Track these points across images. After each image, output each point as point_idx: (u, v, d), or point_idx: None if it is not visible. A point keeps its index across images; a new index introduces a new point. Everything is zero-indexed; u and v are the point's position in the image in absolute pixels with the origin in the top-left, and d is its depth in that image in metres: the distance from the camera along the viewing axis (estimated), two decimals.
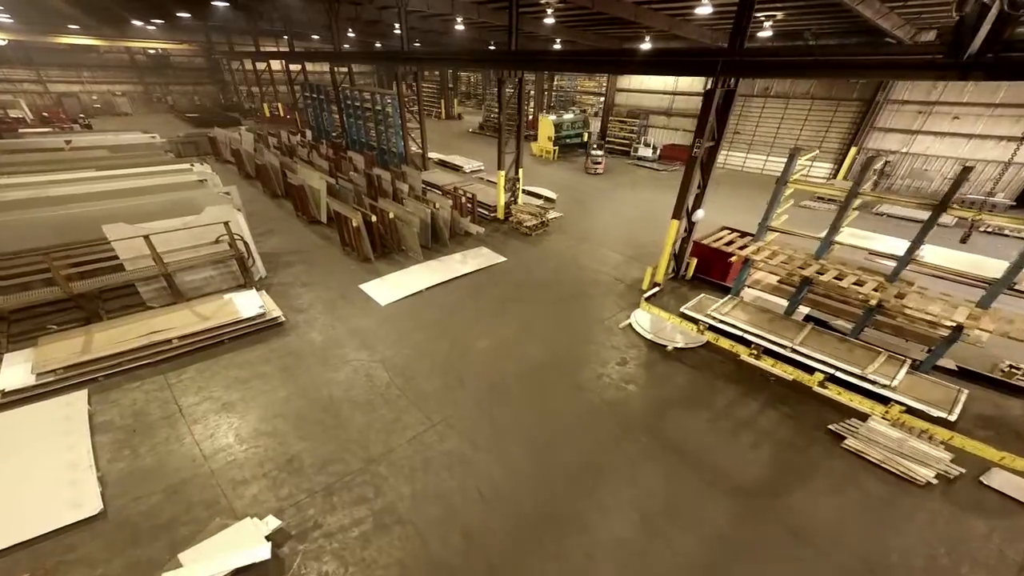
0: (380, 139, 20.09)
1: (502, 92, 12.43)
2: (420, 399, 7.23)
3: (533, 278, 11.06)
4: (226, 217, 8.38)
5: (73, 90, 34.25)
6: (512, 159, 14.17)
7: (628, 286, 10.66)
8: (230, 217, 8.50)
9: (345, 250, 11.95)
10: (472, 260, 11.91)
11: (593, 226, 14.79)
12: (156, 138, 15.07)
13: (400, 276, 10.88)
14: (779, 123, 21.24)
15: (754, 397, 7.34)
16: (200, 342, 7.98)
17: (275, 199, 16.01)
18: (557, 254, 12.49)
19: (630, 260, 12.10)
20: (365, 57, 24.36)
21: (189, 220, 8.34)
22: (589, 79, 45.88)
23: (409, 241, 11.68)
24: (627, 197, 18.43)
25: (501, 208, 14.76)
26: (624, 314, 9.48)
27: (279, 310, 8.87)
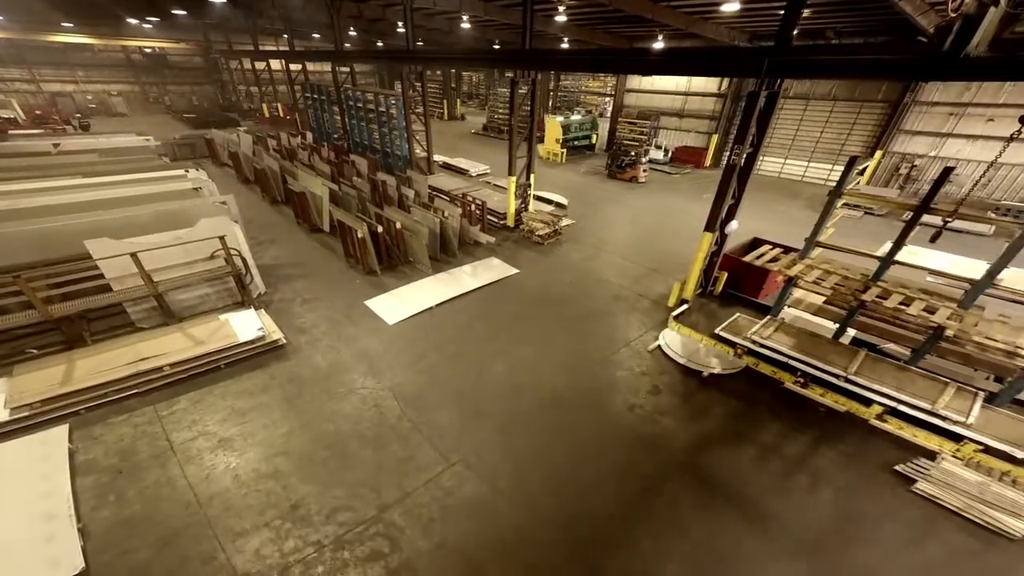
0: (383, 142, 19.48)
1: (515, 93, 11.81)
2: (435, 434, 6.61)
3: (549, 293, 10.43)
4: (222, 231, 7.76)
5: (67, 90, 33.69)
6: (524, 164, 13.55)
7: (653, 302, 10.03)
8: (226, 231, 7.87)
9: (349, 262, 11.33)
10: (483, 272, 11.29)
11: (608, 234, 14.16)
12: (150, 141, 14.46)
13: (408, 291, 10.26)
14: (797, 125, 20.59)
15: (804, 431, 6.70)
16: (194, 369, 7.35)
17: (275, 205, 15.40)
18: (573, 266, 11.85)
19: (651, 272, 11.47)
20: (368, 56, 23.76)
21: (182, 234, 7.72)
22: (593, 79, 45.30)
23: (417, 253, 11.05)
24: (641, 202, 17.80)
25: (511, 215, 14.16)
26: (651, 335, 8.84)
27: (279, 332, 8.25)
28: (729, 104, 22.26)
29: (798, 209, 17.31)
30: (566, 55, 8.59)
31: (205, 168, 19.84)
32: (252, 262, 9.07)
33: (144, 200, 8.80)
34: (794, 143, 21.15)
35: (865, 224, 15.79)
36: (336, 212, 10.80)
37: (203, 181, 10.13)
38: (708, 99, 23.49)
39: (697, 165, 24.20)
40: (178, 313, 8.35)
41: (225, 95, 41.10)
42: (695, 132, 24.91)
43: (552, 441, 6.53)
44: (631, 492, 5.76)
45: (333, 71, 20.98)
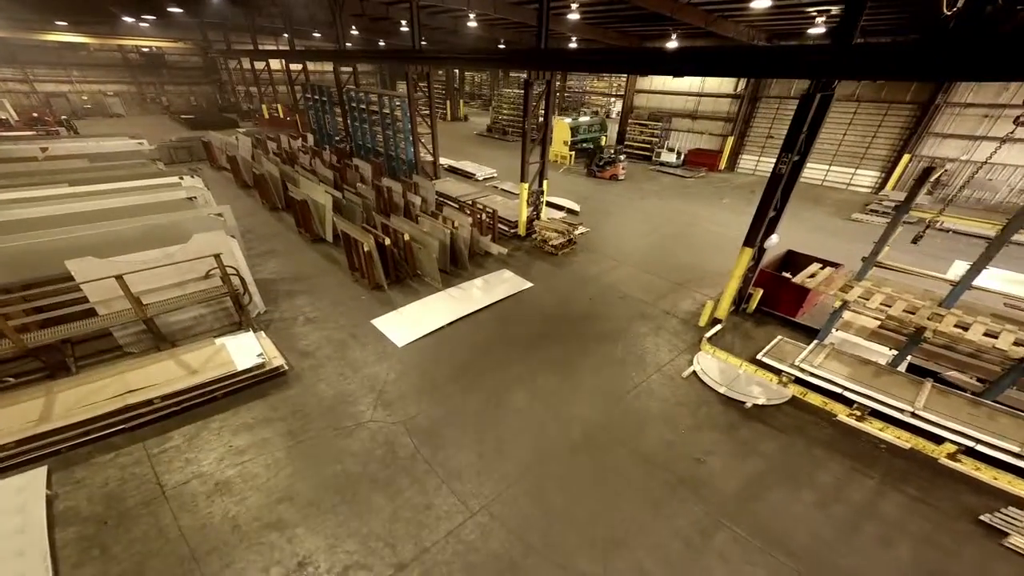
0: (388, 145, 18.87)
1: (529, 95, 11.20)
2: (453, 476, 5.99)
3: (569, 309, 9.80)
4: (218, 247, 7.15)
5: (62, 90, 33.17)
6: (536, 170, 12.94)
7: (681, 321, 9.40)
8: (223, 247, 7.27)
9: (354, 276, 10.73)
10: (496, 287, 10.69)
11: (625, 243, 13.53)
12: (144, 144, 13.86)
13: (417, 308, 9.65)
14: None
15: (867, 472, 6.08)
16: (187, 401, 6.74)
17: (274, 212, 14.80)
18: (591, 279, 11.22)
19: (676, 287, 10.83)
20: (373, 56, 23.15)
21: (174, 252, 7.11)
22: (598, 79, 44.69)
23: (426, 266, 10.45)
24: (657, 208, 17.18)
25: (523, 224, 13.54)
26: (684, 358, 8.21)
27: (281, 357, 7.64)
28: (746, 105, 21.64)
29: (824, 216, 16.67)
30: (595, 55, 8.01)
31: (202, 172, 19.20)
32: (251, 279, 8.46)
33: (134, 213, 8.18)
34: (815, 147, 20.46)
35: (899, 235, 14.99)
36: (340, 223, 10.19)
37: (198, 190, 9.53)
38: (723, 100, 22.89)
39: (711, 168, 23.59)
40: (170, 336, 7.75)
41: (224, 95, 40.57)
42: (708, 134, 24.30)
43: (585, 486, 5.91)
44: (679, 551, 5.13)
45: (335, 71, 20.40)
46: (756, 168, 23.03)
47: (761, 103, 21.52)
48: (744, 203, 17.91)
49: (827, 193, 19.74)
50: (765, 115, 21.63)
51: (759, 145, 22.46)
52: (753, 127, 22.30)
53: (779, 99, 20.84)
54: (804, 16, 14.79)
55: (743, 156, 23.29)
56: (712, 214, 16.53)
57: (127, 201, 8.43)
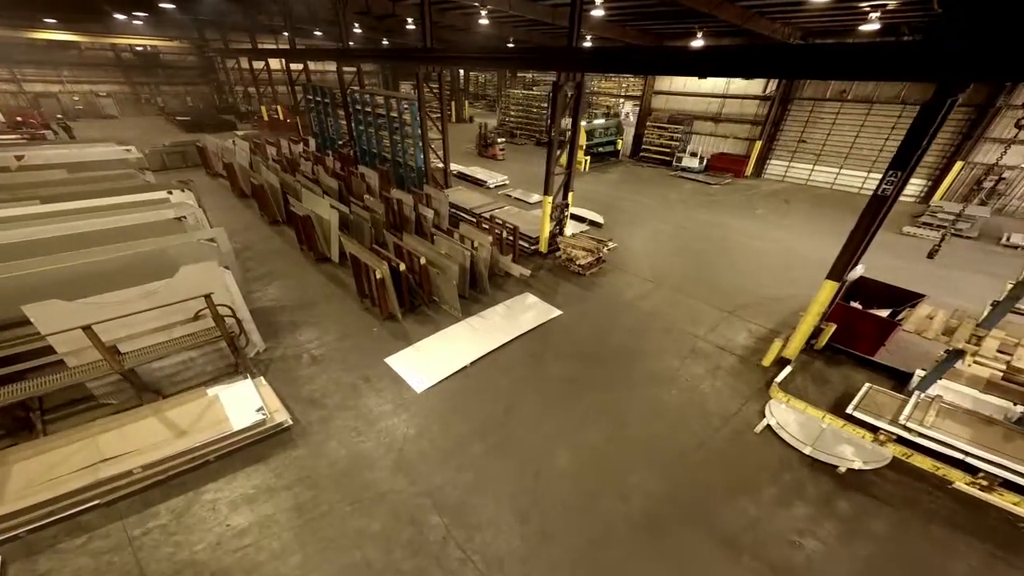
0: (395, 151, 17.93)
1: (557, 99, 10.22)
2: (494, 567, 5.02)
3: (607, 344, 8.80)
4: (208, 284, 6.20)
5: (52, 90, 32.34)
6: (562, 181, 11.97)
7: (740, 359, 8.39)
8: (215, 283, 6.32)
9: (364, 302, 9.76)
10: (521, 315, 9.72)
11: (658, 261, 12.52)
12: (132, 151, 12.89)
13: (435, 342, 8.68)
14: (857, 131, 18.97)
15: (1012, 561, 5.06)
16: (174, 468, 5.77)
17: (274, 225, 13.85)
18: (626, 305, 10.22)
19: (726, 316, 9.82)
20: (380, 55, 22.09)
21: (157, 289, 6.14)
22: (605, 79, 43.62)
23: (445, 293, 9.47)
24: (685, 219, 16.17)
25: (544, 240, 12.55)
26: (753, 408, 7.21)
27: (284, 409, 6.66)
28: (776, 108, 20.64)
29: None
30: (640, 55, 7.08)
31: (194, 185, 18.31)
32: (248, 317, 7.50)
33: (112, 238, 7.21)
34: (851, 151, 19.51)
35: (958, 250, 13.93)
36: (348, 244, 9.23)
37: (189, 207, 8.56)
38: (749, 102, 21.91)
39: (737, 174, 22.59)
40: (154, 385, 6.78)
41: (222, 96, 39.75)
42: (733, 138, 23.31)
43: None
44: None
45: (339, 71, 19.48)
46: (785, 174, 22.03)
47: (793, 105, 20.53)
48: (779, 214, 16.92)
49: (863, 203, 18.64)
50: (797, 118, 20.64)
51: (789, 150, 21.46)
52: (783, 131, 21.31)
53: (813, 101, 19.84)
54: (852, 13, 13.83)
55: (771, 161, 22.30)
56: (747, 226, 15.52)
57: (105, 223, 7.46)
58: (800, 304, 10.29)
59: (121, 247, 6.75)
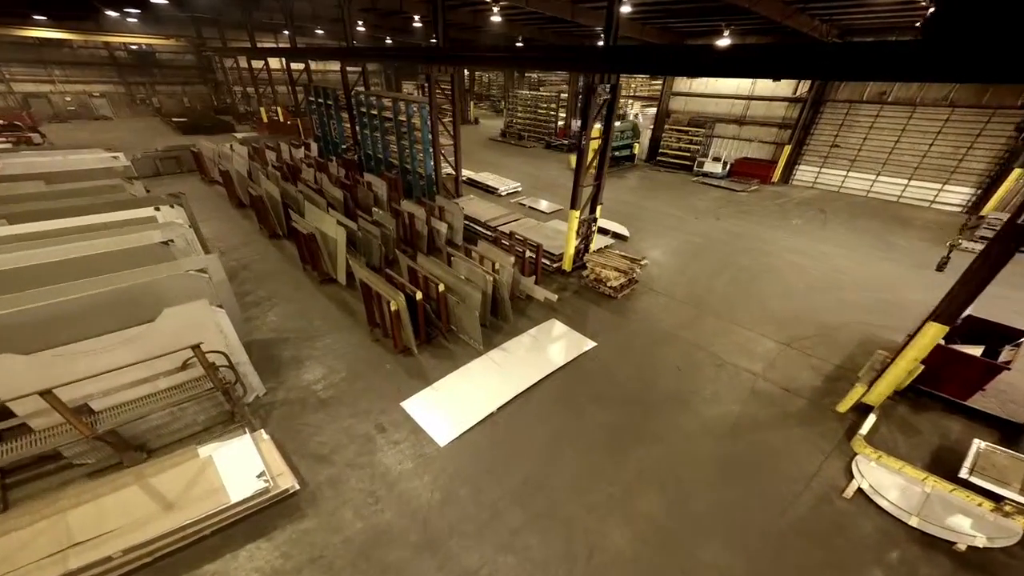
0: (402, 157, 17.11)
1: (591, 103, 9.36)
2: None
3: (652, 384, 7.93)
4: (197, 331, 5.36)
5: (42, 91, 31.65)
6: (589, 194, 11.11)
7: (810, 403, 7.49)
8: (205, 329, 5.50)
9: (374, 333, 8.91)
10: (549, 346, 8.87)
11: (696, 281, 11.63)
12: (119, 159, 12.07)
13: (456, 382, 7.83)
14: (898, 136, 18.05)
15: None
16: (161, 549, 4.93)
17: (274, 240, 13.03)
18: (668, 335, 9.34)
19: (784, 349, 8.92)
20: (389, 54, 21.27)
21: (136, 335, 5.31)
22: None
23: (466, 325, 8.62)
24: (717, 231, 15.29)
25: (569, 258, 11.68)
26: (835, 465, 6.32)
27: (289, 472, 5.80)
28: (808, 110, 19.74)
29: (923, 243, 14.43)
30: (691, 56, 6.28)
31: (192, 186, 17.64)
32: (245, 359, 6.66)
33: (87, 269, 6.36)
34: (890, 157, 18.59)
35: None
36: (358, 268, 8.38)
37: (178, 228, 7.71)
38: (778, 104, 21.03)
39: (764, 180, 21.70)
40: (137, 440, 5.95)
41: (220, 97, 39.06)
42: (758, 142, 22.42)
43: None
44: None
45: (343, 72, 18.67)
46: (816, 181, 21.12)
47: (826, 108, 19.63)
48: (817, 225, 16.01)
49: (907, 212, 17.78)
50: (830, 121, 19.75)
51: (821, 155, 20.55)
52: (814, 134, 20.41)
53: (849, 103, 18.94)
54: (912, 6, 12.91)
55: (800, 167, 21.40)
56: (785, 239, 14.61)
57: (80, 249, 6.62)
58: (863, 335, 9.40)
59: (96, 282, 5.91)
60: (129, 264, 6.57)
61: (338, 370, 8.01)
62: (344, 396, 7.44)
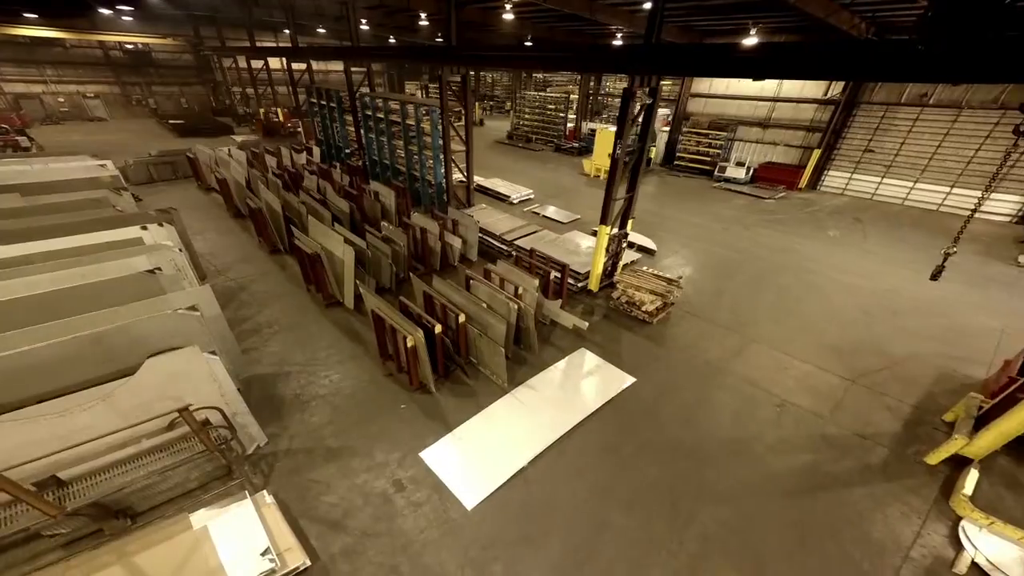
0: (410, 163, 16.37)
1: (629, 108, 8.52)
2: None
3: (705, 430, 7.12)
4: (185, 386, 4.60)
5: (34, 91, 31.05)
6: (620, 208, 10.32)
7: (892, 452, 6.67)
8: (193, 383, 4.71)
9: (386, 366, 8.13)
10: (581, 383, 8.10)
11: (738, 303, 10.80)
12: (107, 167, 11.31)
13: (479, 427, 7.06)
14: (940, 140, 17.20)
15: None
16: None
17: (275, 255, 12.27)
18: (715, 368, 8.51)
19: (850, 386, 8.09)
20: (396, 54, 20.44)
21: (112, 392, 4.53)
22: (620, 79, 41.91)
23: (488, 359, 7.86)
24: (749, 243, 14.46)
25: (596, 277, 10.87)
26: (937, 531, 5.50)
27: (299, 547, 5.00)
28: (840, 113, 18.92)
29: (976, 257, 13.68)
30: (755, 55, 5.51)
31: (187, 194, 16.90)
32: (244, 408, 5.89)
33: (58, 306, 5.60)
34: (930, 163, 17.75)
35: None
36: (369, 296, 7.60)
37: (166, 252, 6.93)
38: (806, 106, 20.21)
39: (790, 186, 20.87)
40: (119, 504, 5.16)
41: (218, 98, 38.44)
42: (784, 146, 21.62)
43: None
44: None
45: (347, 72, 17.97)
46: (846, 187, 20.29)
47: (860, 110, 18.81)
48: (857, 237, 15.15)
49: (952, 222, 16.77)
50: (864, 124, 18.92)
51: (852, 160, 19.72)
52: (846, 138, 19.58)
53: (885, 105, 18.11)
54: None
55: (829, 172, 20.56)
56: (825, 254, 13.75)
57: (51, 281, 5.86)
58: (937, 368, 8.58)
59: (66, 325, 5.14)
60: (108, 299, 5.81)
61: (348, 411, 7.23)
62: (356, 444, 6.66)
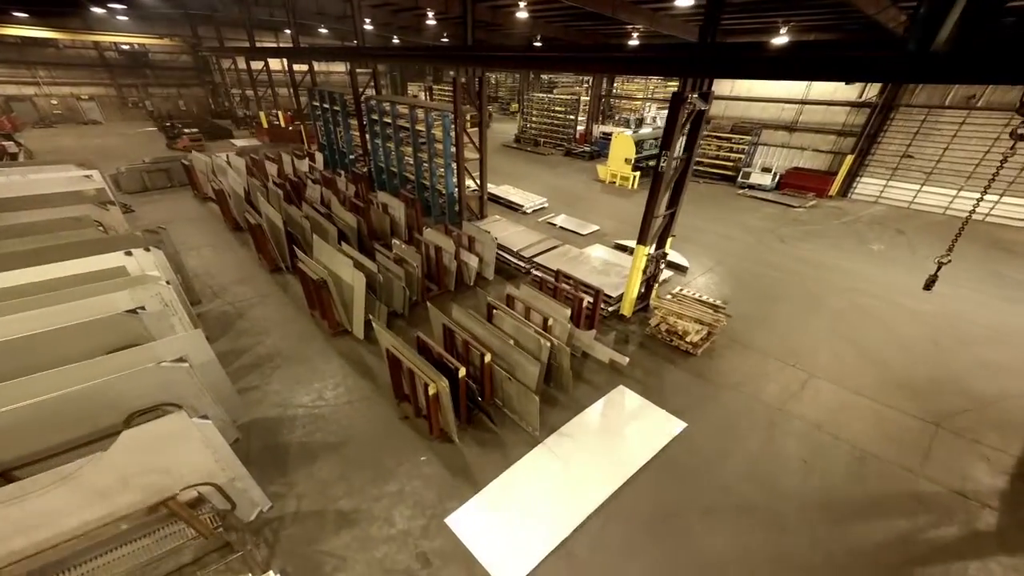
0: (419, 171, 15.58)
1: (679, 113, 7.61)
2: None
3: (776, 488, 6.24)
4: (171, 460, 3.76)
5: (26, 93, 30.40)
6: (661, 224, 9.43)
7: (1006, 515, 5.77)
8: (181, 457, 3.85)
9: (402, 407, 7.28)
10: (624, 428, 7.25)
11: (789, 331, 9.80)
12: (93, 177, 10.48)
13: (511, 485, 6.23)
14: (989, 145, 16.29)
15: None
16: None
17: (276, 274, 11.43)
18: (774, 409, 7.62)
19: (938, 432, 7.17)
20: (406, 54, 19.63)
21: (74, 472, 3.69)
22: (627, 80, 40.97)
23: (519, 407, 6.99)
24: (786, 258, 13.57)
25: (631, 302, 9.97)
26: None
27: None
28: (877, 116, 18.03)
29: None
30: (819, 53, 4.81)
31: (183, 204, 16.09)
32: (243, 471, 5.03)
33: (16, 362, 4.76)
34: (976, 170, 16.84)
35: None
36: (382, 332, 6.75)
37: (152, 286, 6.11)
38: (838, 109, 19.34)
39: (819, 193, 19.98)
40: None
41: (217, 100, 37.79)
42: (812, 150, 20.73)
43: None
44: None
45: (352, 74, 17.19)
46: (881, 195, 19.36)
47: (898, 113, 17.91)
48: (904, 251, 14.22)
49: (1004, 234, 15.73)
50: (902, 128, 18.01)
51: (888, 167, 18.80)
52: (882, 143, 18.68)
53: (927, 108, 17.21)
54: None
55: (862, 179, 19.65)
56: (876, 272, 12.76)
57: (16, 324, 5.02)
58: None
59: (27, 385, 4.29)
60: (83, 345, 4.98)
61: (361, 464, 6.38)
62: (373, 506, 5.80)
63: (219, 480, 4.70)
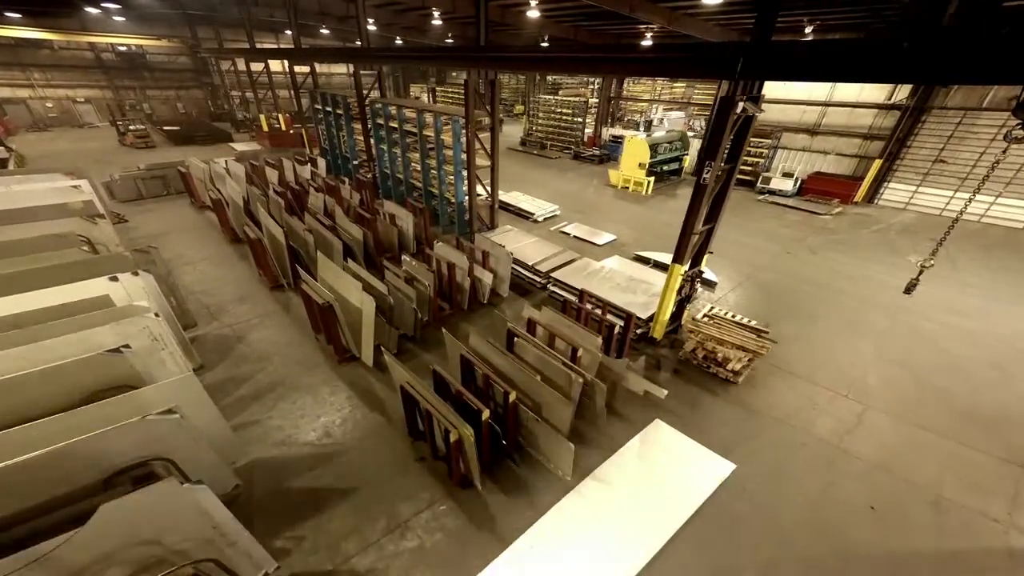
0: (427, 178, 15.00)
1: (727, 120, 6.96)
2: None
3: (843, 540, 5.60)
4: (164, 531, 3.23)
5: (20, 95, 30.00)
6: (697, 242, 8.75)
7: None
8: (173, 528, 3.30)
9: (417, 447, 6.66)
10: (665, 470, 6.62)
11: (833, 356, 9.07)
12: (81, 187, 9.88)
13: (542, 541, 5.61)
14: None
15: None
16: None
17: (277, 291, 10.83)
18: (831, 447, 6.96)
19: (1019, 471, 6.52)
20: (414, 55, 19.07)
21: (44, 554, 3.08)
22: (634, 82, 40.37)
23: (547, 449, 6.35)
24: (822, 273, 12.88)
25: (662, 325, 9.31)
26: None
27: None
28: (907, 119, 17.40)
29: None
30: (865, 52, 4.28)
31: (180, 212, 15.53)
32: (245, 534, 4.41)
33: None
34: (1017, 175, 16.15)
35: None
36: (397, 367, 6.15)
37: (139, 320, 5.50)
38: (864, 111, 18.70)
39: (844, 199, 19.33)
40: None
41: (216, 102, 37.39)
42: (836, 155, 20.10)
43: None
44: None
45: (356, 76, 16.64)
46: (910, 202, 18.70)
47: (930, 116, 17.27)
48: (944, 264, 13.55)
49: None
50: (934, 132, 17.36)
51: (919, 172, 18.15)
52: (912, 147, 18.04)
53: (963, 111, 16.56)
54: None
55: (889, 185, 19.00)
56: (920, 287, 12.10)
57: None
58: None
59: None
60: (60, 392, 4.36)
61: (375, 513, 5.76)
62: (391, 566, 5.18)
63: (217, 550, 4.09)
